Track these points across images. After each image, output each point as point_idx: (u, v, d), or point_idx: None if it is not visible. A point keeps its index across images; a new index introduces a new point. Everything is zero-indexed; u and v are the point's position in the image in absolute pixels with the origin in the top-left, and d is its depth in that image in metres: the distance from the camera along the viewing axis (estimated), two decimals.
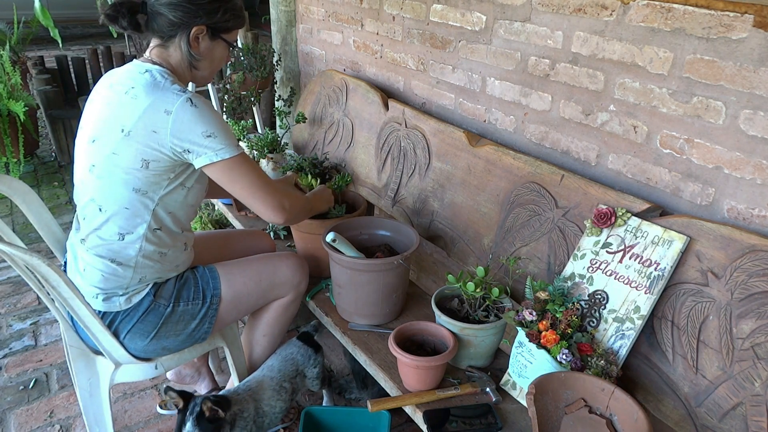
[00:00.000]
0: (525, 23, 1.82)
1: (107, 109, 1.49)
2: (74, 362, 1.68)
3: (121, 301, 1.54)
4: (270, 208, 1.58)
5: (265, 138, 2.60)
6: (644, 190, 1.61)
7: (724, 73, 1.37)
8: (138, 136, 1.43)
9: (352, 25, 2.65)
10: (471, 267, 1.85)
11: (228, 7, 1.52)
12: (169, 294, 1.59)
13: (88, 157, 1.50)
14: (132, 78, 1.48)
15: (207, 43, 1.54)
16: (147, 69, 1.49)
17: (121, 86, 1.48)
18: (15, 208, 3.65)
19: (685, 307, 1.39)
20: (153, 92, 1.44)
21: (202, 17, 1.49)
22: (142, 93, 1.44)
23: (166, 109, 1.42)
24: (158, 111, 1.42)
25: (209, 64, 1.59)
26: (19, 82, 4.15)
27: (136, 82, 1.46)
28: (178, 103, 1.42)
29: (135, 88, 1.45)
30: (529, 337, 1.42)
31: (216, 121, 1.46)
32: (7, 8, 5.67)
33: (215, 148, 1.45)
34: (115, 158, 1.45)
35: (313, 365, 1.89)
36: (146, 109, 1.42)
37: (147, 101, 1.43)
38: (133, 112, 1.43)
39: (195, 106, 1.43)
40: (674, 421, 1.39)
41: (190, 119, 1.42)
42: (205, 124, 1.44)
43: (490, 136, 2.05)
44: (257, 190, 1.55)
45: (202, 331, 1.64)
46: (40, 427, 2.06)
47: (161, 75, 1.48)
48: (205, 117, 1.44)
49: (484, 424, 1.44)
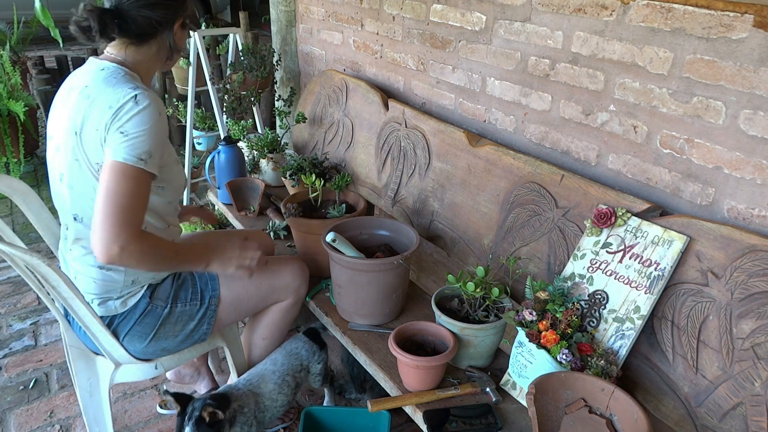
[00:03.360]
0: (525, 23, 1.82)
1: (65, 113, 1.46)
2: (74, 362, 1.68)
3: (116, 304, 1.53)
4: (103, 236, 1.33)
5: (265, 138, 2.60)
6: (644, 190, 1.61)
7: (724, 73, 1.37)
8: (87, 135, 1.40)
9: (352, 25, 2.65)
10: (471, 267, 1.85)
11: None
12: (167, 295, 1.58)
13: (56, 166, 1.49)
14: (87, 77, 1.46)
15: (181, 33, 1.55)
16: (104, 66, 1.46)
17: (77, 87, 1.45)
18: (15, 208, 3.65)
19: (685, 307, 1.39)
20: (105, 89, 1.40)
21: (179, 11, 1.50)
22: (94, 91, 1.41)
23: (110, 105, 1.37)
24: (104, 107, 1.38)
25: (178, 52, 1.59)
26: (19, 82, 4.15)
27: (90, 80, 1.44)
28: (124, 99, 1.37)
29: (88, 87, 1.42)
30: (529, 337, 1.42)
31: (145, 127, 1.37)
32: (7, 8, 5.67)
33: (115, 146, 1.35)
34: (78, 165, 1.43)
35: (317, 361, 1.89)
36: (95, 107, 1.39)
37: (97, 99, 1.39)
38: (84, 112, 1.40)
39: (137, 103, 1.37)
40: (674, 421, 1.39)
41: (124, 114, 1.36)
42: (131, 122, 1.36)
43: (490, 136, 2.05)
44: (111, 209, 1.34)
45: (201, 332, 1.64)
46: (40, 427, 2.05)
47: (118, 72, 1.44)
48: (137, 118, 1.36)
49: (484, 424, 1.44)
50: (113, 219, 1.34)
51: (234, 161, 2.48)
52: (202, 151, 3.53)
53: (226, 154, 2.47)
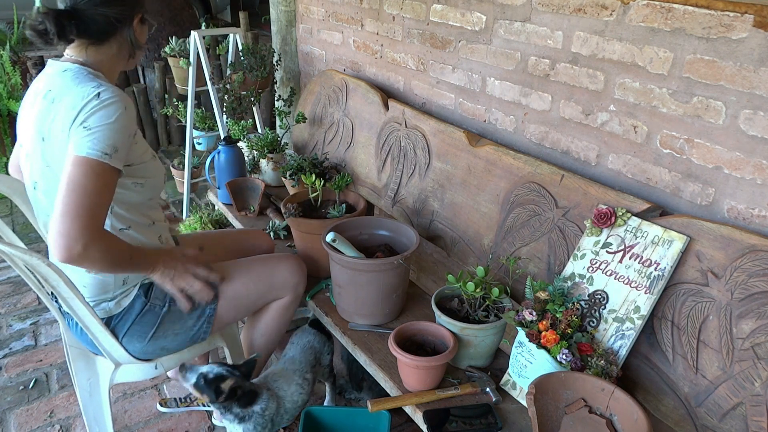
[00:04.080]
0: (525, 23, 1.82)
1: (30, 119, 1.44)
2: (74, 362, 1.68)
3: (110, 305, 1.53)
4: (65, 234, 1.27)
5: (265, 138, 2.60)
6: (644, 190, 1.61)
7: (724, 73, 1.37)
8: (54, 140, 1.37)
9: (352, 25, 2.65)
10: (471, 267, 1.85)
11: None
12: (164, 294, 1.58)
13: (29, 175, 1.47)
14: (50, 80, 1.43)
15: (141, 29, 1.51)
16: (66, 68, 1.43)
17: (41, 92, 1.43)
18: (15, 208, 3.65)
19: (685, 307, 1.39)
20: (68, 90, 1.37)
21: (137, 6, 1.47)
22: (57, 93, 1.39)
23: (74, 105, 1.34)
24: (68, 109, 1.35)
25: (142, 47, 1.55)
26: (19, 82, 4.15)
27: (53, 83, 1.41)
28: (88, 97, 1.34)
29: (52, 90, 1.40)
30: (529, 337, 1.42)
31: (108, 121, 1.33)
32: (7, 8, 5.67)
33: (78, 140, 1.32)
34: (50, 171, 1.41)
35: (327, 352, 1.90)
36: (59, 110, 1.36)
37: (61, 102, 1.37)
38: (49, 117, 1.38)
39: (99, 98, 1.34)
40: (674, 421, 1.39)
41: (88, 110, 1.33)
42: (95, 116, 1.33)
43: (490, 136, 2.05)
44: (75, 206, 1.28)
45: (201, 331, 1.64)
46: (40, 427, 2.05)
47: (80, 72, 1.41)
48: (101, 112, 1.33)
49: (484, 424, 1.44)
50: (77, 216, 1.28)
51: (234, 161, 2.49)
52: (202, 151, 3.53)
53: (226, 154, 2.47)
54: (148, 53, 5.22)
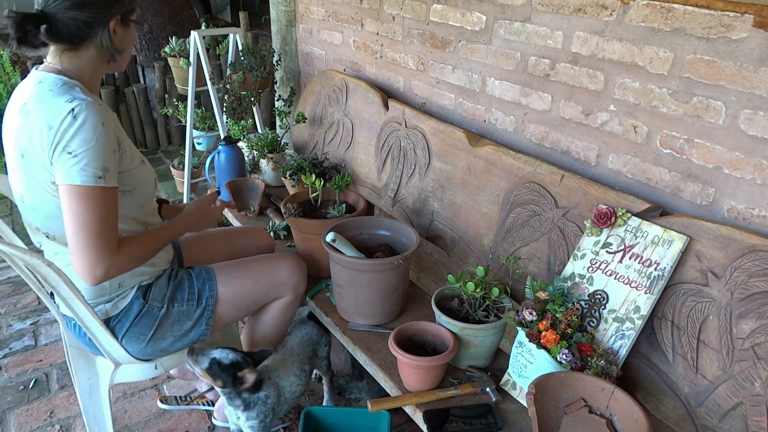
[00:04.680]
0: (525, 23, 1.82)
1: (10, 134, 1.41)
2: (74, 362, 1.68)
3: (107, 307, 1.53)
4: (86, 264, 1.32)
5: (265, 138, 2.60)
6: (644, 190, 1.61)
7: (724, 73, 1.37)
8: (32, 157, 1.35)
9: (352, 25, 2.65)
10: (471, 267, 1.85)
11: None
12: (162, 295, 1.57)
13: (16, 189, 1.46)
14: (26, 92, 1.39)
15: (122, 31, 1.44)
16: (42, 78, 1.38)
17: (18, 105, 1.39)
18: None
19: (685, 307, 1.39)
20: (41, 105, 1.33)
21: (113, 8, 1.39)
22: (31, 107, 1.35)
23: (49, 124, 1.30)
24: (43, 128, 1.31)
25: (128, 50, 1.50)
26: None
27: (28, 95, 1.37)
28: (62, 116, 1.30)
29: (27, 104, 1.36)
30: (529, 337, 1.42)
31: (91, 143, 1.30)
32: None
33: (67, 169, 1.30)
34: (35, 184, 1.39)
35: (324, 344, 1.91)
36: (34, 127, 1.32)
37: (35, 118, 1.33)
38: (25, 132, 1.34)
39: (75, 118, 1.29)
40: (674, 421, 1.39)
41: (65, 133, 1.29)
42: (76, 140, 1.29)
43: (490, 136, 2.05)
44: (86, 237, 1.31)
45: (200, 331, 1.64)
46: (40, 427, 2.05)
47: (55, 84, 1.36)
48: (81, 134, 1.29)
49: (484, 424, 1.44)
50: (90, 246, 1.32)
51: (234, 161, 2.49)
52: (202, 151, 3.53)
53: (226, 154, 2.47)
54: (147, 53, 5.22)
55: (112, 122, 1.37)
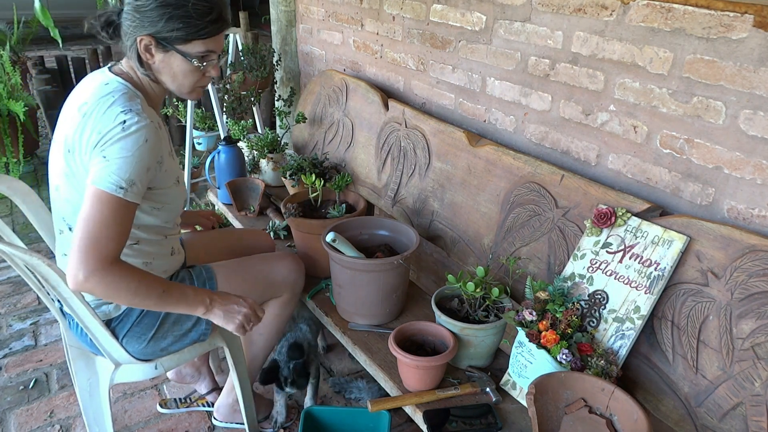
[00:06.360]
0: (525, 23, 1.82)
1: (63, 127, 1.43)
2: (74, 362, 1.68)
3: (110, 308, 1.52)
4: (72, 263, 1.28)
5: (265, 138, 2.61)
6: (644, 190, 1.61)
7: (724, 73, 1.37)
8: (77, 157, 1.37)
9: (352, 25, 2.65)
10: (471, 267, 1.85)
11: (176, 15, 1.35)
12: None
13: (54, 177, 1.48)
14: (88, 92, 1.40)
15: (161, 55, 1.40)
16: (108, 81, 1.40)
17: (78, 102, 1.41)
18: (15, 208, 3.65)
19: (685, 307, 1.39)
20: (99, 109, 1.34)
21: (146, 27, 1.36)
22: (90, 109, 1.36)
23: (100, 130, 1.32)
24: (94, 131, 1.33)
25: (170, 78, 1.44)
26: (19, 82, 4.15)
27: (90, 95, 1.38)
28: (113, 124, 1.31)
29: (87, 104, 1.37)
30: (529, 337, 1.42)
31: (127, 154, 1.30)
32: (7, 8, 5.67)
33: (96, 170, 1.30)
34: (74, 180, 1.40)
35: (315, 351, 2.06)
36: (86, 130, 1.34)
37: (90, 121, 1.34)
38: (78, 131, 1.36)
39: (124, 129, 1.30)
40: (674, 421, 1.39)
41: (110, 139, 1.31)
42: (114, 147, 1.30)
43: (490, 136, 2.05)
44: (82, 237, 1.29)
45: (200, 332, 1.64)
46: (40, 427, 2.05)
47: (118, 90, 1.38)
48: (121, 143, 1.30)
49: (484, 424, 1.44)
50: (82, 247, 1.28)
51: (234, 161, 2.49)
52: (202, 151, 3.53)
53: (226, 154, 2.47)
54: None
55: (157, 141, 1.36)
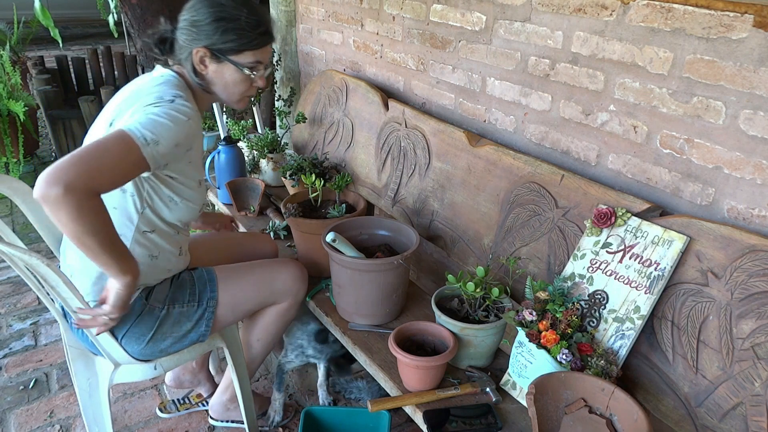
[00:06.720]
0: (525, 23, 1.82)
1: (113, 103, 1.50)
2: (73, 362, 1.68)
3: None
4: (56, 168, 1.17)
5: (265, 138, 2.60)
6: (644, 190, 1.61)
7: (724, 73, 1.37)
8: (119, 119, 1.39)
9: (352, 25, 2.65)
10: (471, 267, 1.85)
11: (230, 28, 1.45)
12: (164, 296, 1.57)
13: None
14: (144, 79, 1.50)
15: (214, 66, 1.50)
16: (163, 74, 1.51)
17: (132, 86, 1.51)
18: (15, 208, 3.65)
19: (685, 307, 1.39)
20: (151, 89, 1.42)
21: (202, 40, 1.46)
22: (144, 88, 1.43)
23: (148, 100, 1.37)
24: (143, 97, 1.39)
25: (222, 88, 1.54)
26: (19, 82, 4.16)
27: (145, 83, 1.47)
28: (161, 98, 1.37)
29: (141, 88, 1.46)
30: (529, 337, 1.42)
31: (167, 119, 1.32)
32: (7, 8, 5.68)
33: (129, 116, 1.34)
34: None
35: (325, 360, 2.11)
36: (137, 100, 1.39)
37: (141, 94, 1.41)
38: (126, 103, 1.41)
39: (171, 103, 1.36)
40: (674, 421, 1.39)
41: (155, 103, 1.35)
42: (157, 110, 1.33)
43: (490, 136, 2.05)
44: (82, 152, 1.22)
45: (200, 333, 1.63)
46: (40, 427, 2.06)
47: (171, 80, 1.48)
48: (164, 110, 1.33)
49: (484, 424, 1.44)
50: (77, 161, 1.19)
51: (234, 161, 2.48)
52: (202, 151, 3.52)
53: (226, 154, 2.47)
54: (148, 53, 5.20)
55: (195, 129, 1.41)
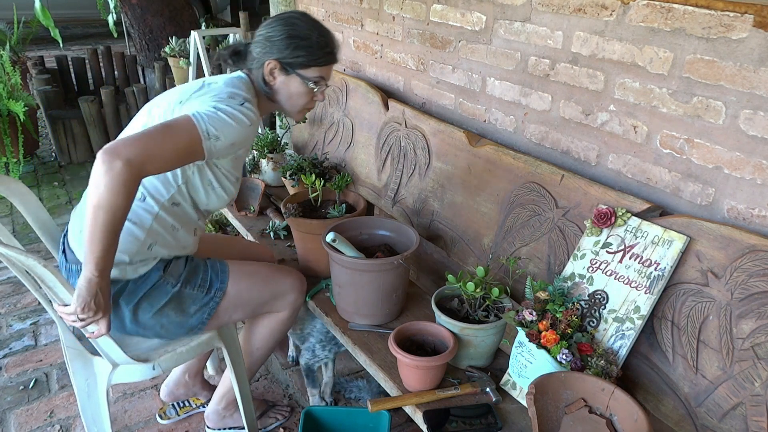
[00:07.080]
0: (525, 23, 1.82)
1: (178, 89, 1.59)
2: (71, 363, 1.68)
3: (128, 269, 1.53)
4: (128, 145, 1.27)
5: (265, 138, 2.60)
6: (644, 190, 1.60)
7: (724, 73, 1.37)
8: (188, 102, 1.50)
9: (352, 25, 2.65)
10: (471, 267, 1.85)
11: (301, 45, 1.57)
12: (179, 274, 1.60)
13: (142, 122, 1.57)
14: (220, 76, 1.61)
15: (282, 77, 1.61)
16: (239, 75, 1.62)
17: (206, 79, 1.60)
18: (15, 209, 3.65)
19: (685, 307, 1.39)
20: (223, 86, 1.53)
21: (274, 53, 1.58)
22: (218, 83, 1.54)
23: (221, 96, 1.48)
24: (215, 91, 1.50)
25: (287, 98, 1.65)
26: (19, 82, 4.15)
27: (220, 77, 1.59)
28: (235, 98, 1.49)
29: (216, 82, 1.57)
30: (529, 337, 1.42)
31: (232, 120, 1.44)
32: (7, 8, 5.68)
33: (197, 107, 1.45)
34: None
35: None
36: (210, 91, 1.50)
37: (215, 87, 1.52)
38: (199, 92, 1.52)
39: (241, 106, 1.47)
40: (674, 421, 1.39)
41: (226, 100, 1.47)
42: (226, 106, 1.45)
43: (490, 136, 2.05)
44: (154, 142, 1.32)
45: (200, 321, 1.64)
46: (40, 427, 2.05)
47: (244, 83, 1.58)
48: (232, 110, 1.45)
49: (484, 424, 1.44)
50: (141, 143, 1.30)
51: None
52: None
53: None
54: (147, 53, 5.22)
55: (252, 134, 1.54)
